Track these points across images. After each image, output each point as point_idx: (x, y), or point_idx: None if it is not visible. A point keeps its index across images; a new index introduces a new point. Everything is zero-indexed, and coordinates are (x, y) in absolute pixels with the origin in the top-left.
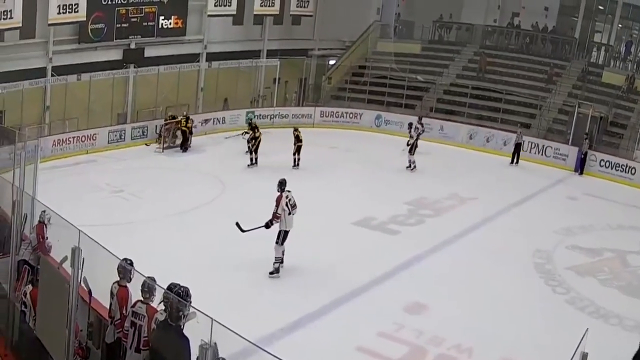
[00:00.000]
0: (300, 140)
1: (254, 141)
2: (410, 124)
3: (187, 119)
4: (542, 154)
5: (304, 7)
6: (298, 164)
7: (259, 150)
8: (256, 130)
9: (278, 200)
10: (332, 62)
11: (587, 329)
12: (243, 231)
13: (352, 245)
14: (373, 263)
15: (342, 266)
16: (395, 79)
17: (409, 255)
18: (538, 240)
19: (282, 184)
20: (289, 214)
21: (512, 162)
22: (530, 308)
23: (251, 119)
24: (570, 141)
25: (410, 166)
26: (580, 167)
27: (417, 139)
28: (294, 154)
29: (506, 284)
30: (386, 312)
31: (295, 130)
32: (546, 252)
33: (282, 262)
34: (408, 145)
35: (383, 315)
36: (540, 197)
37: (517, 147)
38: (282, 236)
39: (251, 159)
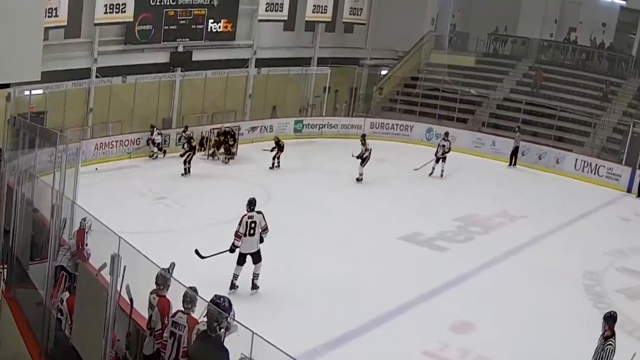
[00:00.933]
0: (282, 149)
1: (189, 153)
2: (364, 135)
3: (226, 134)
4: (594, 173)
5: (357, 14)
6: (279, 165)
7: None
8: (192, 141)
9: (240, 219)
10: (383, 72)
11: (635, 353)
12: (202, 257)
13: (398, 260)
14: (419, 279)
15: (387, 282)
16: (448, 91)
17: (457, 273)
18: (588, 261)
19: (250, 204)
20: (244, 234)
21: (510, 164)
22: (578, 330)
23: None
24: (623, 161)
25: (360, 178)
26: (639, 190)
27: (443, 157)
28: (274, 158)
29: (554, 305)
30: (431, 330)
31: (279, 140)
32: (596, 273)
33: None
34: (358, 158)
35: (428, 333)
36: (591, 217)
37: (515, 150)
38: (238, 257)
39: (185, 169)
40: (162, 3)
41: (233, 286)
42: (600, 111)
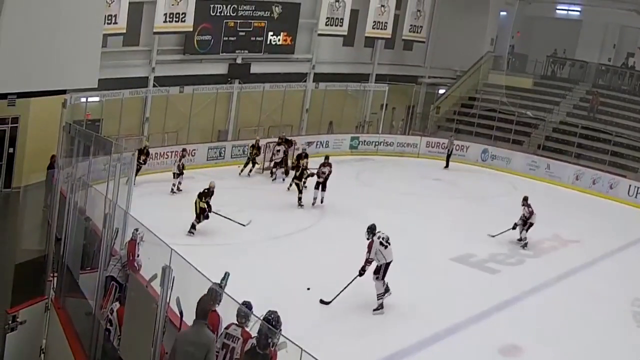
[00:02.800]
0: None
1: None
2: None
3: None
4: None
5: (417, 32)
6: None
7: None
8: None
9: (370, 246)
10: (441, 91)
11: None
12: (328, 303)
13: (449, 281)
14: (470, 301)
15: (437, 302)
16: (505, 112)
17: (507, 296)
18: (639, 289)
19: (372, 230)
20: (385, 248)
21: (446, 166)
22: (626, 357)
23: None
24: None
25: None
26: None
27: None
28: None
29: (603, 332)
30: (480, 353)
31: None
32: None
33: (388, 292)
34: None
35: (477, 356)
36: None
37: (449, 153)
38: (383, 270)
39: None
40: (223, 14)
41: (382, 305)
42: None
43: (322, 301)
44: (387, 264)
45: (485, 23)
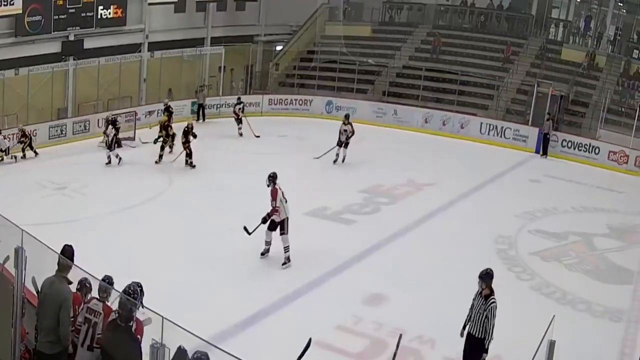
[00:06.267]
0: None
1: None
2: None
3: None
4: (501, 136)
5: None
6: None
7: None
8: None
9: (274, 193)
10: (279, 47)
11: (554, 315)
12: (249, 233)
13: (305, 236)
14: (329, 254)
15: (295, 259)
16: (346, 63)
17: (366, 245)
18: (500, 226)
19: (273, 178)
20: (286, 202)
21: (197, 119)
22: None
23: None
24: (530, 122)
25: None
26: (543, 148)
27: (346, 142)
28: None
29: (468, 272)
30: (344, 305)
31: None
32: (509, 237)
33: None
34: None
35: (341, 308)
36: (500, 180)
37: (200, 107)
38: (286, 225)
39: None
40: None
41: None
42: (503, 73)
43: (245, 229)
44: (286, 220)
45: None
